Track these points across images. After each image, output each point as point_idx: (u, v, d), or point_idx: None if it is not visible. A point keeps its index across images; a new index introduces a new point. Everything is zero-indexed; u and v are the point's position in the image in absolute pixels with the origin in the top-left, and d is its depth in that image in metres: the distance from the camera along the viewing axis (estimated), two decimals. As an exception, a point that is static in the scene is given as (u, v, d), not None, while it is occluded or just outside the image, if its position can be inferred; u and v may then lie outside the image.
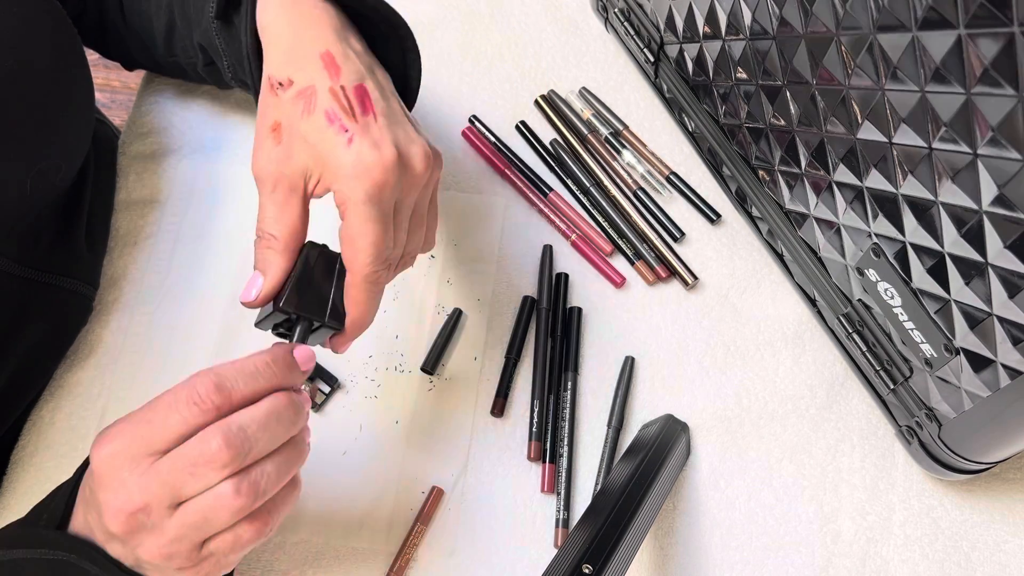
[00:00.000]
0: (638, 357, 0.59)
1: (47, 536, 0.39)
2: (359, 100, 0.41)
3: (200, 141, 0.65)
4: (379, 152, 0.39)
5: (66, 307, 0.57)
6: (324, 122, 0.40)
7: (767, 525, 0.54)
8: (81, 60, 0.54)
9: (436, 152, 0.43)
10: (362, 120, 0.40)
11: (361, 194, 0.39)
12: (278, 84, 0.42)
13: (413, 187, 0.41)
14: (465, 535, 0.54)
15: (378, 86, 0.42)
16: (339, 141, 0.40)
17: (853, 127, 0.43)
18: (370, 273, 0.40)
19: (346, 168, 0.39)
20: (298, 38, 0.43)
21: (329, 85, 0.41)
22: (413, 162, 0.41)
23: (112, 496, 0.36)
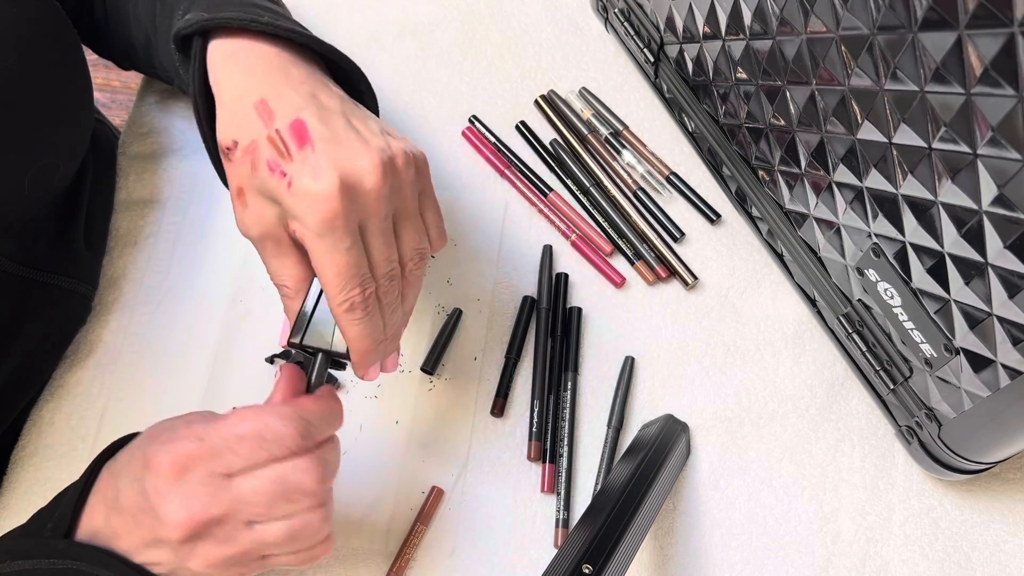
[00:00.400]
0: (638, 357, 0.59)
1: (55, 546, 0.39)
2: (296, 135, 0.40)
3: (200, 141, 0.65)
4: (318, 184, 0.38)
5: (65, 307, 0.57)
6: (267, 173, 0.40)
7: (767, 525, 0.54)
8: (81, 60, 0.54)
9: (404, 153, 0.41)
10: (298, 156, 0.39)
11: (312, 228, 0.39)
12: (226, 148, 0.42)
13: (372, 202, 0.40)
14: (465, 535, 0.54)
15: (319, 111, 0.41)
16: (281, 187, 0.39)
17: (853, 127, 0.43)
18: (342, 301, 0.40)
19: (294, 209, 0.39)
20: (235, 93, 0.42)
21: (266, 133, 0.40)
22: (362, 180, 0.39)
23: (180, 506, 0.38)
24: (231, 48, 0.43)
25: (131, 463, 0.40)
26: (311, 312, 0.43)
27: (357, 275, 0.40)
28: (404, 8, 0.71)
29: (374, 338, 0.42)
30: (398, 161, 0.41)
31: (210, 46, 0.44)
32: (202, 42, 0.44)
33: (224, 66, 0.43)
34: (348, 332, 0.41)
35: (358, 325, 0.41)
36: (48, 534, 0.40)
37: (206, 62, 0.44)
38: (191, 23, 0.44)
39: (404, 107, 0.67)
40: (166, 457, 0.38)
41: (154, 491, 0.38)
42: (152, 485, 0.38)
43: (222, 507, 0.38)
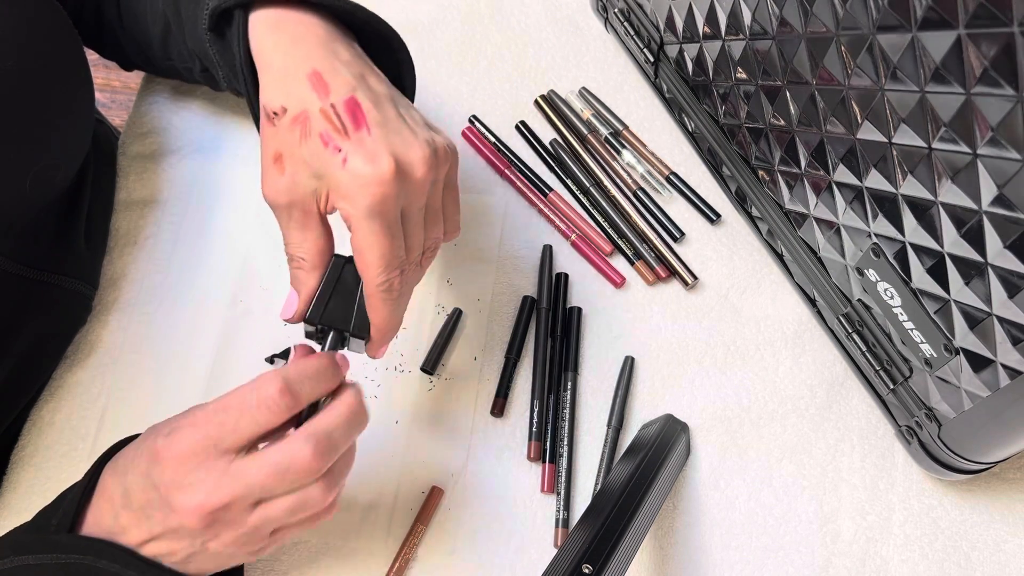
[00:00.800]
0: (638, 357, 0.59)
1: (59, 540, 0.39)
2: (351, 115, 0.41)
3: (200, 141, 0.65)
4: (375, 166, 0.39)
5: (65, 307, 0.57)
6: (320, 145, 0.40)
7: (767, 525, 0.54)
8: (81, 60, 0.54)
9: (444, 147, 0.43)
10: (355, 136, 0.40)
11: (363, 210, 0.39)
12: (272, 114, 0.42)
13: (417, 191, 0.41)
14: (465, 535, 0.54)
15: (370, 94, 0.42)
16: (335, 162, 0.40)
17: (853, 127, 0.43)
18: (382, 283, 0.41)
19: (345, 187, 0.40)
20: (286, 61, 0.43)
21: (320, 106, 0.41)
22: (413, 168, 0.41)
23: (190, 495, 0.38)
24: (275, 18, 0.44)
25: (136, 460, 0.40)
26: (329, 291, 0.43)
27: (397, 258, 0.41)
28: (404, 8, 0.71)
29: (398, 318, 0.43)
30: (441, 155, 0.42)
31: (252, 17, 0.45)
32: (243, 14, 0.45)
33: (269, 35, 0.44)
34: (380, 311, 0.42)
35: (390, 305, 0.42)
36: (52, 530, 0.40)
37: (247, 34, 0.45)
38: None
39: (404, 107, 0.67)
40: (168, 449, 0.39)
41: (161, 482, 0.38)
42: (159, 477, 0.39)
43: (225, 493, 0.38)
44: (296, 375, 0.40)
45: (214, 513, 0.38)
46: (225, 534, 0.39)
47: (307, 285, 0.44)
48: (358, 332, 0.44)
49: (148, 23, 0.55)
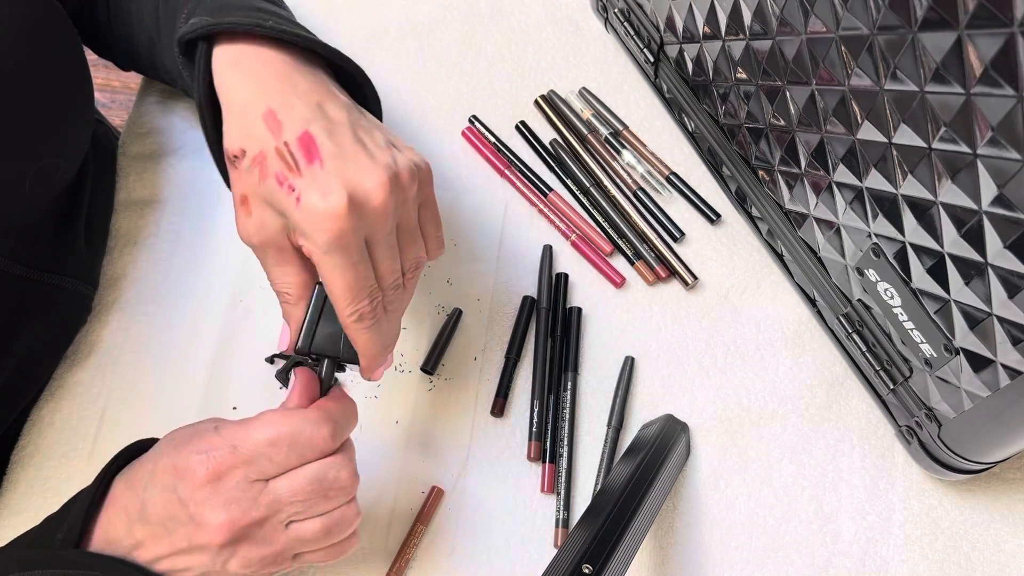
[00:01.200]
0: (638, 357, 0.59)
1: (67, 557, 0.39)
2: (304, 150, 0.40)
3: (200, 141, 0.65)
4: (327, 201, 0.38)
5: (65, 307, 0.57)
6: (275, 185, 0.40)
7: (767, 525, 0.54)
8: (81, 60, 0.54)
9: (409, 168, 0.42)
10: (307, 171, 0.39)
11: (322, 246, 0.39)
12: (233, 156, 0.42)
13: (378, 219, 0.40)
14: (465, 535, 0.54)
15: (326, 125, 0.41)
16: (290, 202, 0.39)
17: (853, 127, 0.43)
18: (351, 313, 0.41)
19: (302, 225, 0.39)
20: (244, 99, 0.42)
21: (275, 145, 0.40)
22: (369, 197, 0.39)
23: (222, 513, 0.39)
24: (236, 53, 0.44)
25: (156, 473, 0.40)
26: (317, 319, 0.44)
27: (365, 287, 0.41)
28: (404, 8, 0.71)
29: (382, 343, 0.43)
30: (403, 177, 0.41)
31: (215, 51, 0.44)
32: (207, 47, 0.44)
33: (229, 72, 0.43)
34: (358, 340, 0.43)
35: (367, 333, 0.42)
36: (59, 545, 0.40)
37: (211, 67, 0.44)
38: (195, 28, 0.44)
39: (404, 107, 0.67)
40: (201, 467, 0.39)
41: (191, 499, 0.39)
42: (189, 494, 0.39)
43: (261, 510, 0.39)
44: (342, 418, 0.42)
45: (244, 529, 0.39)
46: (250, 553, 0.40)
47: (295, 317, 0.44)
48: (347, 358, 0.44)
49: (136, 33, 0.55)
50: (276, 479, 0.40)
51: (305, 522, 0.41)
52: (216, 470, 0.39)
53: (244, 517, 0.39)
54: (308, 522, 0.41)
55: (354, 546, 0.44)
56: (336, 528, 0.42)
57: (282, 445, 0.40)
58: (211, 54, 0.44)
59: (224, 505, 0.39)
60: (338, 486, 0.41)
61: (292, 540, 0.41)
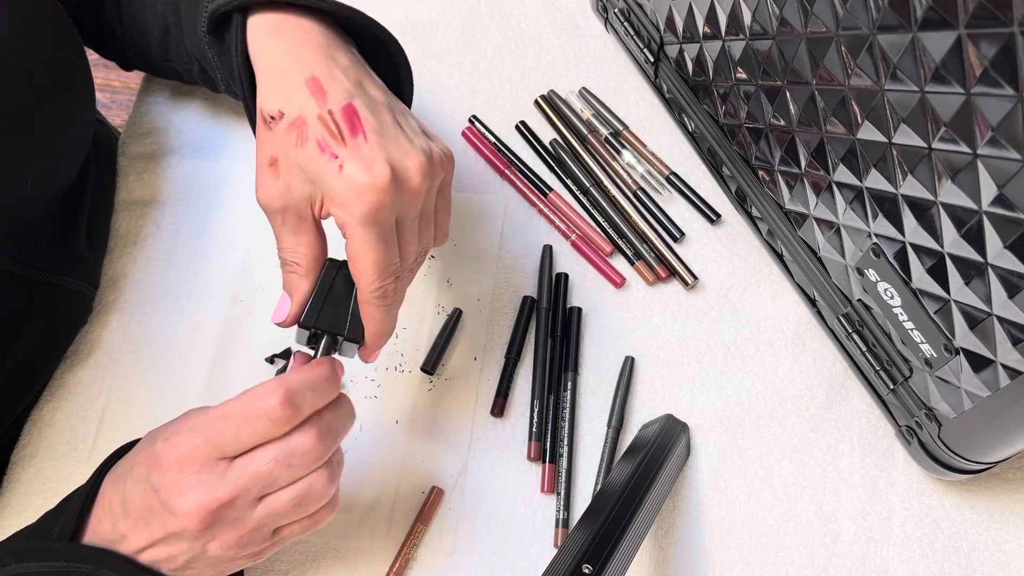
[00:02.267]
0: (638, 357, 0.59)
1: (61, 549, 0.40)
2: (348, 122, 0.40)
3: (200, 141, 0.65)
4: (371, 174, 0.39)
5: (66, 307, 0.57)
6: (316, 151, 0.40)
7: (767, 525, 0.54)
8: (82, 60, 0.54)
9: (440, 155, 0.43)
10: (351, 143, 0.40)
11: (358, 217, 0.39)
12: (270, 118, 0.42)
13: (413, 199, 0.41)
14: (465, 535, 0.54)
15: (368, 101, 0.42)
16: (331, 169, 0.40)
17: (853, 127, 0.43)
18: (375, 289, 0.41)
19: (340, 194, 0.39)
20: (284, 65, 0.42)
21: (317, 112, 0.41)
22: (409, 176, 0.40)
23: (190, 497, 0.38)
24: (275, 22, 0.44)
25: (135, 467, 0.40)
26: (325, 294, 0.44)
27: (391, 265, 0.41)
28: (404, 8, 0.71)
29: (392, 324, 0.44)
30: (436, 164, 0.42)
31: (250, 21, 0.45)
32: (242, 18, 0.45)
33: (268, 39, 0.44)
34: (374, 317, 0.43)
35: (384, 312, 0.42)
36: (55, 538, 0.40)
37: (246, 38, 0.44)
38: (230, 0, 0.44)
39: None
40: (167, 452, 0.39)
41: (161, 486, 0.39)
42: (158, 481, 0.39)
43: (228, 488, 0.39)
44: (298, 386, 0.40)
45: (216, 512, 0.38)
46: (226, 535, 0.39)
47: (300, 289, 0.44)
48: (353, 337, 0.44)
49: (147, 23, 0.55)
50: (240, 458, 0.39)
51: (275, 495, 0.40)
52: (179, 454, 0.39)
53: (212, 498, 0.38)
54: (277, 494, 0.40)
55: (331, 514, 0.43)
56: (307, 497, 0.40)
57: (234, 418, 0.39)
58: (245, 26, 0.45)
59: (191, 489, 0.38)
60: (300, 452, 0.39)
61: (265, 515, 0.40)
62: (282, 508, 0.40)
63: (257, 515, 0.40)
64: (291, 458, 0.39)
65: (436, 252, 0.62)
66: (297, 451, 0.39)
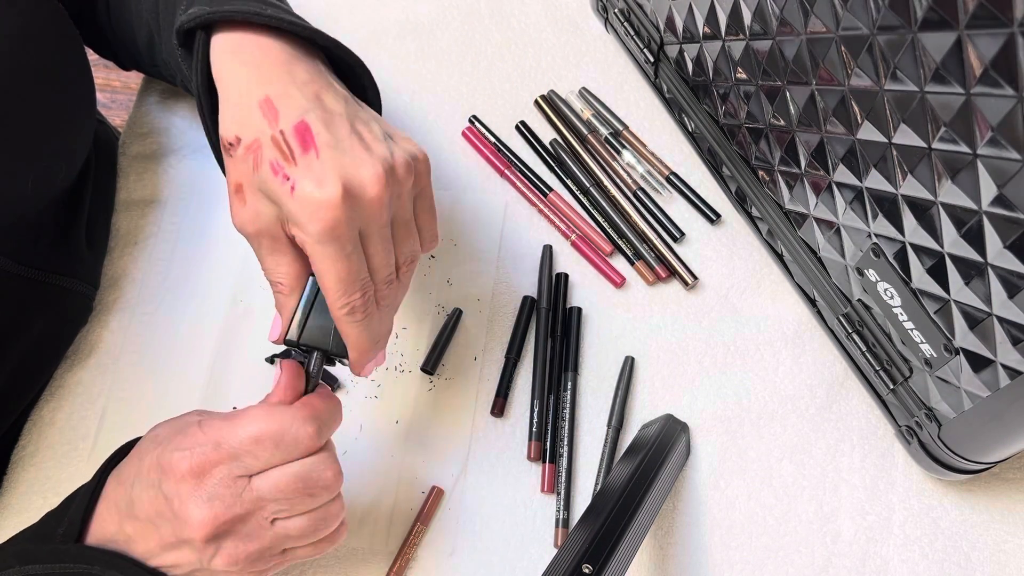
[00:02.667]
0: (638, 357, 0.59)
1: (66, 550, 0.40)
2: (300, 139, 0.39)
3: (200, 141, 0.65)
4: (322, 191, 0.38)
5: (66, 307, 0.57)
6: (270, 174, 0.39)
7: (767, 525, 0.54)
8: (82, 60, 0.54)
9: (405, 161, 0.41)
10: (302, 161, 0.39)
11: (314, 236, 0.39)
12: (228, 144, 0.41)
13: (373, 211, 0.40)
14: (465, 535, 0.54)
15: (323, 115, 0.41)
16: (284, 191, 0.39)
17: (853, 127, 0.43)
18: (343, 306, 0.41)
19: (295, 214, 0.39)
20: (240, 88, 0.42)
21: (271, 134, 0.40)
22: (364, 189, 0.39)
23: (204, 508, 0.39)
24: (235, 42, 0.43)
25: (143, 470, 0.40)
26: (308, 310, 0.43)
27: (357, 280, 0.40)
28: (404, 8, 0.71)
29: (372, 337, 0.43)
30: (399, 170, 0.41)
31: (213, 40, 0.44)
32: (205, 36, 0.44)
33: (227, 60, 0.43)
34: (349, 333, 0.42)
35: (358, 326, 0.42)
36: (59, 539, 0.40)
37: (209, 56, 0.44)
38: (193, 17, 0.43)
39: (404, 107, 0.67)
40: (184, 462, 0.39)
41: (175, 495, 0.39)
42: (172, 489, 0.39)
43: (245, 506, 0.39)
44: (325, 415, 0.42)
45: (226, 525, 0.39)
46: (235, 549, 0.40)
47: (287, 307, 0.44)
48: (336, 351, 0.44)
49: (135, 28, 0.55)
50: (260, 476, 0.40)
51: (291, 520, 0.41)
52: (199, 466, 0.39)
53: (227, 512, 0.39)
54: (294, 520, 0.41)
55: (342, 538, 0.44)
56: (322, 524, 0.42)
57: (267, 443, 0.40)
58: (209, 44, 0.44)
59: (207, 500, 0.39)
60: (322, 484, 0.41)
61: (278, 536, 0.41)
62: (296, 532, 0.41)
63: (270, 535, 0.41)
64: (313, 488, 0.41)
65: (436, 252, 0.62)
66: (320, 482, 0.41)
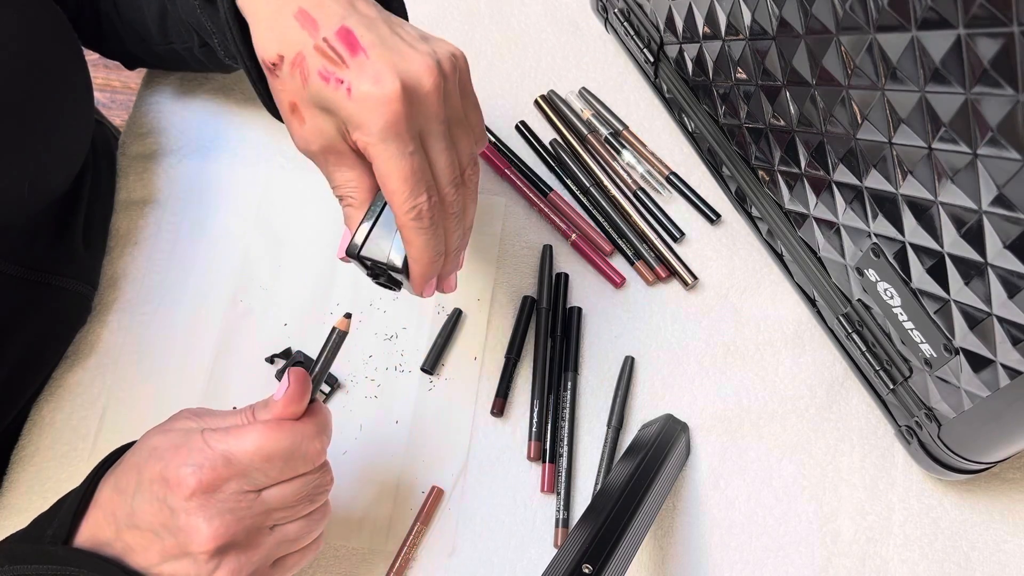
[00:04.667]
0: (638, 357, 0.59)
1: (54, 552, 0.39)
2: (345, 43, 0.39)
3: (200, 141, 0.65)
4: (380, 86, 0.38)
5: (65, 307, 0.57)
6: (321, 83, 0.39)
7: (767, 525, 0.54)
8: (80, 61, 0.54)
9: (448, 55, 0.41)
10: (354, 63, 0.39)
11: (377, 134, 0.38)
12: (272, 65, 0.41)
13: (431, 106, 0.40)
14: (465, 535, 0.54)
15: (362, 19, 0.40)
16: (340, 95, 0.39)
17: (853, 127, 0.43)
18: (409, 209, 0.40)
19: (356, 116, 0.39)
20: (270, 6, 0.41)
21: (313, 44, 0.40)
22: (420, 82, 0.39)
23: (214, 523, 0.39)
24: None
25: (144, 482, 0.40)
26: (372, 224, 0.43)
27: (423, 181, 0.40)
28: (404, 8, 0.71)
29: (437, 250, 0.42)
30: (445, 64, 0.41)
31: None
32: None
33: None
34: (413, 242, 0.41)
35: (424, 234, 0.41)
36: (48, 541, 0.40)
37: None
38: None
39: (404, 107, 0.67)
40: (193, 478, 0.39)
41: (183, 509, 0.39)
42: (181, 505, 0.39)
43: (252, 519, 0.40)
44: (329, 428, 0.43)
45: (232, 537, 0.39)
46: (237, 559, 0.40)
47: (355, 220, 0.43)
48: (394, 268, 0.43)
49: (143, 5, 0.55)
50: (268, 489, 0.40)
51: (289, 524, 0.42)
52: (210, 483, 0.39)
53: (236, 525, 0.39)
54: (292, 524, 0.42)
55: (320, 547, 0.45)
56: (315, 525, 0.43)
57: (278, 460, 0.40)
58: None
59: (217, 515, 0.39)
60: (322, 489, 0.42)
61: (276, 542, 0.41)
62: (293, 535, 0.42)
63: (270, 542, 0.41)
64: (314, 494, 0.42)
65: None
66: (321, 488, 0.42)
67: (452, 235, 0.43)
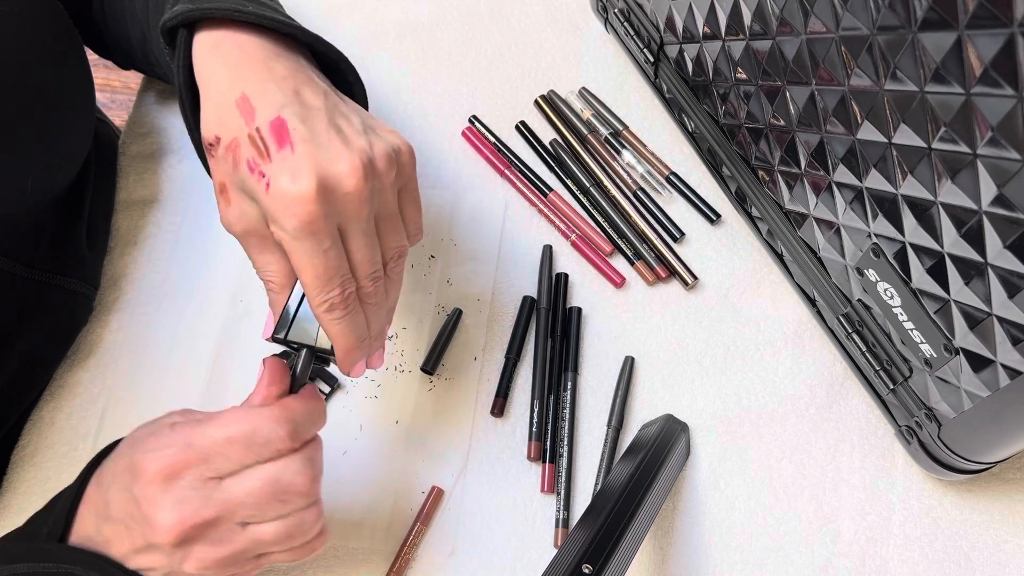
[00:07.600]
0: (638, 357, 0.59)
1: (49, 550, 0.39)
2: (276, 135, 0.39)
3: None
4: (296, 186, 0.37)
5: (66, 307, 0.57)
6: (247, 173, 0.39)
7: (767, 525, 0.54)
8: (82, 60, 0.54)
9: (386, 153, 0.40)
10: (277, 157, 0.38)
11: (291, 231, 0.38)
12: (209, 144, 0.41)
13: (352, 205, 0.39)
14: (465, 535, 0.54)
15: (300, 110, 0.40)
16: (260, 188, 0.38)
17: (853, 127, 0.43)
18: (322, 303, 0.40)
19: (272, 210, 0.38)
20: (218, 87, 0.41)
21: (248, 132, 0.39)
22: (340, 183, 0.38)
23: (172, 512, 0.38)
24: (214, 40, 0.43)
25: (118, 472, 0.40)
26: (296, 307, 0.43)
27: (336, 276, 0.40)
28: (404, 8, 0.71)
29: (357, 336, 0.42)
30: (379, 163, 0.40)
31: (195, 38, 0.43)
32: (188, 34, 0.44)
33: (207, 59, 0.43)
34: (330, 331, 0.41)
35: (339, 324, 0.41)
36: (43, 539, 0.40)
37: (191, 54, 0.43)
38: (176, 14, 0.43)
39: (404, 107, 0.67)
40: (154, 464, 0.38)
41: (144, 498, 0.38)
42: (141, 492, 0.38)
43: (214, 510, 0.38)
44: (302, 417, 0.41)
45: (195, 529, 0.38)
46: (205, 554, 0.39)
47: (278, 305, 0.43)
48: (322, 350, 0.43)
49: (128, 26, 0.55)
50: (231, 478, 0.39)
51: (263, 525, 0.40)
52: (169, 467, 0.38)
53: (195, 516, 0.38)
54: (266, 525, 0.40)
55: (321, 546, 0.43)
56: (297, 531, 0.41)
57: (238, 444, 0.39)
58: (192, 42, 0.43)
59: (175, 504, 0.38)
60: (294, 490, 0.40)
61: (251, 542, 0.40)
62: (270, 538, 0.40)
63: (242, 540, 0.40)
64: (284, 494, 0.39)
65: (436, 252, 0.62)
66: (292, 488, 0.40)
67: (373, 322, 0.43)
